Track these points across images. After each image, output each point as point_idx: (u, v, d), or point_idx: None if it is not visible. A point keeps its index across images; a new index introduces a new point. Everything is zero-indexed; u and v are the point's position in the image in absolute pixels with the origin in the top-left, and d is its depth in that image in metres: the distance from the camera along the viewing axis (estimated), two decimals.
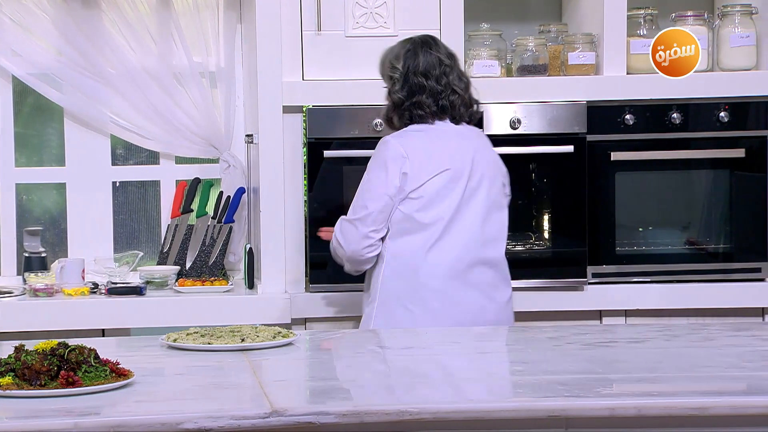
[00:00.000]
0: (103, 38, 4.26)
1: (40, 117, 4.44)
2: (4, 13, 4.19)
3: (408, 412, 2.26)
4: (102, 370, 2.43)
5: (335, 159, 4.08)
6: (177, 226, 4.43)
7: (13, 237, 4.36)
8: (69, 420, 2.19)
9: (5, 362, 2.41)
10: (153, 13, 4.32)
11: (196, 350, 2.83)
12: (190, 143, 4.42)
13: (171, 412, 2.27)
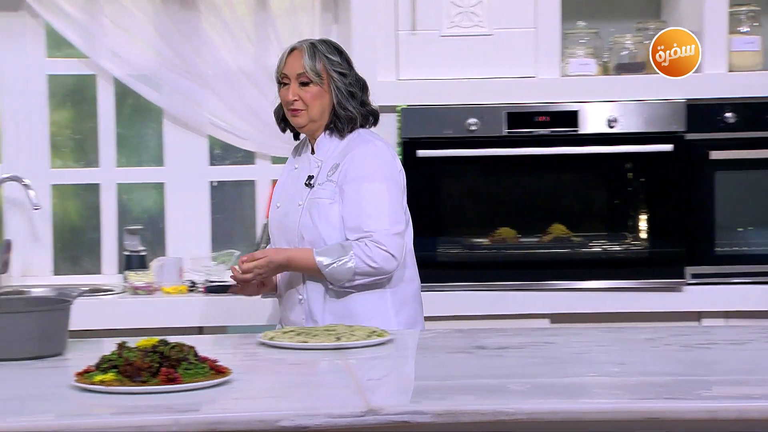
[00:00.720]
0: (200, 39, 4.32)
1: (139, 118, 4.52)
2: (106, 15, 4.28)
3: (503, 412, 2.25)
4: (201, 368, 2.46)
5: (428, 158, 4.09)
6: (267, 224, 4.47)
7: (114, 236, 4.45)
8: (169, 416, 2.22)
9: (108, 359, 2.45)
10: (250, 15, 4.37)
11: (292, 348, 2.85)
12: (285, 143, 4.44)
13: (268, 409, 2.29)
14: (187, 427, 2.21)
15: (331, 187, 3.30)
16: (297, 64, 3.30)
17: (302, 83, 3.30)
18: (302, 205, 3.32)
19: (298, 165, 3.42)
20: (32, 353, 2.70)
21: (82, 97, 4.46)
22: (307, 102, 3.30)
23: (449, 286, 4.11)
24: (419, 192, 4.11)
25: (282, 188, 3.45)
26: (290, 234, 3.33)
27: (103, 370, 2.43)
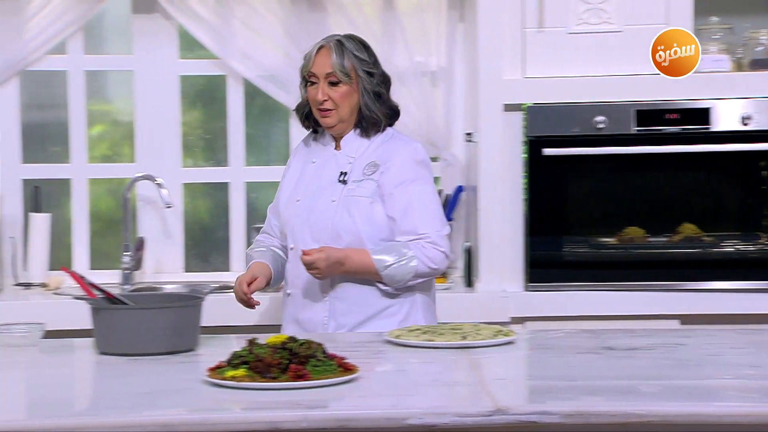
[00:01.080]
0: None
1: (267, 117, 4.58)
2: (236, 17, 4.35)
3: (635, 414, 2.22)
4: (329, 365, 2.48)
5: (555, 157, 4.05)
6: None
7: (242, 234, 4.52)
8: (299, 413, 2.24)
9: (239, 355, 2.49)
10: (377, 14, 4.39)
11: (418, 347, 2.85)
12: None
13: (396, 407, 2.30)
14: (316, 424, 2.24)
15: (371, 185, 3.26)
16: (325, 63, 3.25)
17: (331, 83, 3.25)
18: (336, 202, 3.26)
19: (316, 159, 3.35)
20: (166, 348, 2.76)
21: (212, 97, 4.55)
22: (336, 102, 3.26)
23: (575, 285, 4.07)
24: (545, 191, 4.08)
25: (299, 182, 3.36)
26: (320, 230, 3.26)
27: (234, 366, 2.47)
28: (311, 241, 3.26)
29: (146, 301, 2.91)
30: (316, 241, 3.25)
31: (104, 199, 4.55)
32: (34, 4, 4.26)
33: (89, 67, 4.44)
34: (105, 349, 2.79)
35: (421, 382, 2.56)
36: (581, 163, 4.10)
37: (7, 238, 4.29)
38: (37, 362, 2.77)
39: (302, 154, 3.41)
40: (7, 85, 4.34)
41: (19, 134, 4.39)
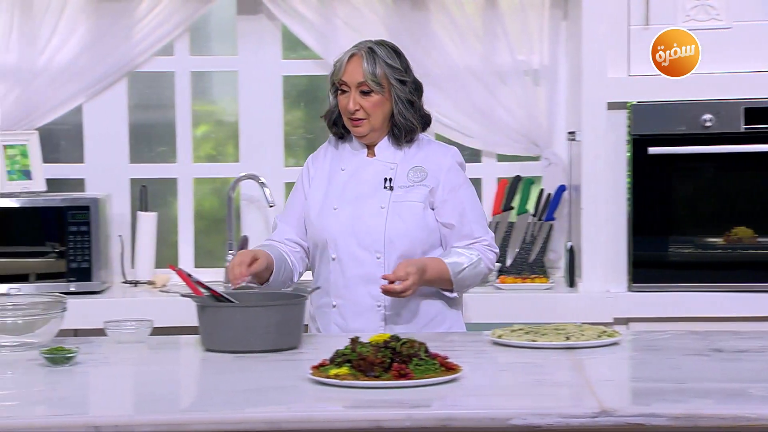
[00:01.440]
0: (429, 39, 4.36)
1: None
2: (339, 17, 4.37)
3: (745, 417, 2.17)
4: (431, 364, 2.48)
5: (660, 156, 3.99)
6: (498, 223, 4.47)
7: None
8: (402, 411, 2.25)
9: (342, 353, 2.50)
10: (479, 13, 4.38)
11: (521, 347, 2.84)
12: (512, 141, 4.44)
13: (499, 407, 2.29)
14: (419, 423, 2.24)
15: (422, 191, 3.20)
16: (357, 71, 3.17)
17: (363, 92, 3.17)
18: (385, 208, 3.18)
19: (346, 167, 3.25)
20: (270, 346, 2.79)
21: (314, 96, 4.58)
22: (368, 111, 3.17)
23: (681, 286, 4.01)
24: (650, 190, 4.02)
25: (330, 190, 3.23)
26: (368, 238, 3.16)
27: (338, 364, 2.48)
28: (358, 249, 3.16)
29: (251, 299, 2.94)
30: (364, 249, 3.16)
31: (209, 198, 4.62)
32: (143, 7, 4.35)
33: (195, 68, 4.51)
34: (210, 346, 2.82)
35: (524, 383, 2.54)
36: (688, 161, 4.03)
37: (115, 236, 4.38)
38: (144, 359, 2.82)
39: (325, 162, 3.30)
40: (116, 87, 4.43)
41: (127, 134, 4.48)
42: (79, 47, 4.31)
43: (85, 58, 4.32)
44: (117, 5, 4.32)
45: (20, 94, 4.29)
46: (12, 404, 2.43)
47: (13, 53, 4.29)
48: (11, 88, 4.29)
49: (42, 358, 2.68)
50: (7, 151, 4.21)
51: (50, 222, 4.11)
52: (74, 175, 4.45)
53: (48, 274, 4.10)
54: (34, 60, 4.29)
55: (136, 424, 2.22)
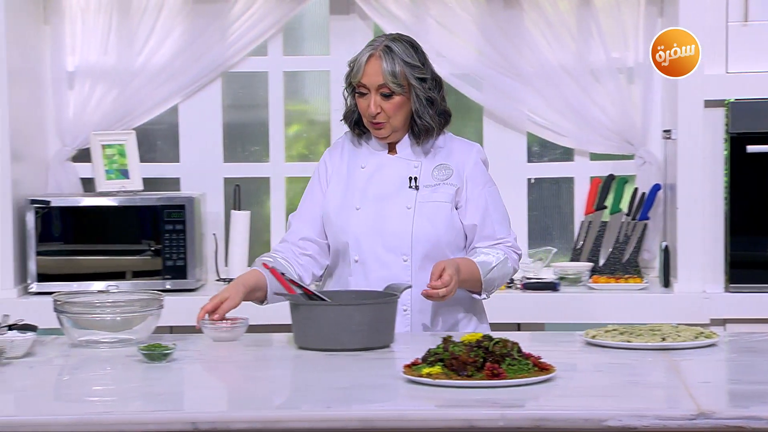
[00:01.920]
0: (522, 37, 4.34)
1: (459, 115, 4.56)
2: (431, 16, 4.37)
3: None
4: (525, 364, 2.47)
5: (759, 154, 3.92)
6: (590, 222, 4.43)
7: None
8: (495, 411, 2.24)
9: (434, 352, 2.50)
10: (573, 11, 4.35)
11: (615, 347, 2.80)
12: (605, 139, 4.40)
13: (593, 408, 2.26)
14: (513, 423, 2.22)
15: (449, 190, 3.11)
16: (376, 73, 3.04)
17: (383, 94, 3.06)
18: (412, 208, 3.10)
19: (366, 165, 3.14)
20: (362, 344, 2.80)
21: None
22: (389, 113, 3.06)
23: None
24: (748, 189, 3.96)
25: (350, 189, 3.13)
26: (394, 239, 3.08)
27: (430, 363, 2.48)
28: (383, 250, 3.07)
29: (343, 298, 2.95)
30: (390, 251, 3.07)
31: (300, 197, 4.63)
32: (237, 8, 4.39)
33: (288, 67, 4.54)
34: (303, 344, 2.84)
35: (619, 384, 2.51)
36: None
37: (210, 234, 4.44)
38: (238, 356, 2.85)
39: (343, 158, 3.19)
40: (211, 87, 4.49)
41: (222, 134, 4.53)
42: (175, 48, 4.38)
43: (181, 59, 4.38)
44: (212, 6, 4.38)
45: (118, 95, 4.37)
46: (110, 399, 2.48)
47: (112, 55, 4.37)
48: (110, 89, 4.37)
49: (139, 354, 2.73)
50: (106, 150, 4.29)
51: (146, 220, 4.18)
52: (170, 175, 4.52)
53: (144, 271, 4.17)
54: (131, 61, 4.37)
55: (232, 420, 2.25)
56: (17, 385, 2.55)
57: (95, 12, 4.34)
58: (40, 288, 4.08)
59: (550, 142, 4.49)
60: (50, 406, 2.42)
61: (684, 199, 4.03)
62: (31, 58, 4.27)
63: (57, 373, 2.73)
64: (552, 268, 4.32)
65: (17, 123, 4.07)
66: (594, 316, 3.94)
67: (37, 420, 2.26)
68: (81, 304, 2.93)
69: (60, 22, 4.35)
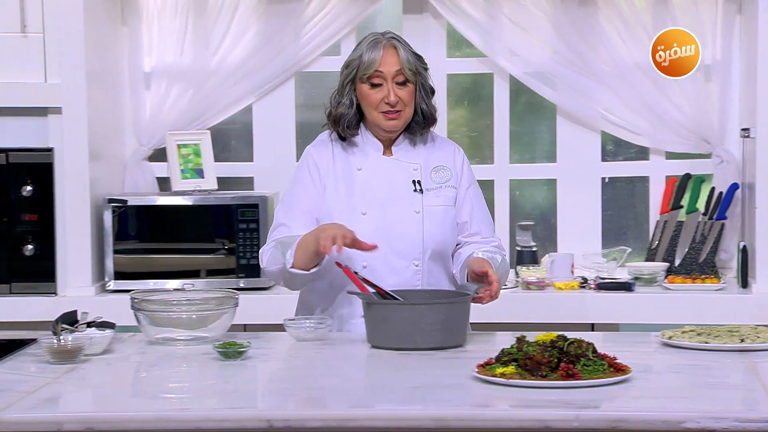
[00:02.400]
0: (596, 35, 4.30)
1: (533, 114, 4.57)
2: (505, 15, 4.35)
3: None
4: (600, 364, 2.45)
5: None
6: (666, 222, 4.38)
7: (506, 231, 4.52)
8: (570, 412, 2.22)
9: (508, 352, 2.49)
10: (649, 8, 4.29)
11: (692, 349, 2.77)
12: (681, 138, 4.34)
13: (671, 409, 2.24)
14: (588, 424, 2.21)
15: (451, 193, 3.11)
16: (394, 62, 3.03)
17: (398, 83, 3.04)
18: (420, 213, 3.08)
19: (361, 166, 3.10)
20: (435, 344, 2.79)
21: (477, 95, 4.57)
22: (405, 101, 3.04)
23: None
24: None
25: (350, 193, 3.07)
26: (405, 244, 3.05)
27: (504, 363, 2.47)
28: (394, 256, 3.04)
29: (416, 297, 2.94)
30: (401, 256, 3.05)
31: None
32: (311, 8, 4.41)
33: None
34: (376, 342, 2.84)
35: (696, 385, 2.48)
36: None
37: None
38: (312, 355, 2.86)
39: (333, 159, 3.11)
40: (284, 86, 4.51)
41: (295, 133, 4.56)
42: (249, 48, 4.41)
43: (255, 59, 4.41)
44: (287, 6, 4.40)
45: (194, 95, 4.41)
46: (186, 397, 2.50)
47: (188, 55, 4.41)
48: (186, 89, 4.42)
49: (215, 352, 2.75)
50: (181, 150, 4.34)
51: (221, 219, 4.22)
52: (244, 174, 4.55)
53: (218, 270, 4.20)
54: (207, 61, 4.41)
55: (306, 418, 2.26)
56: (95, 382, 2.59)
57: (172, 13, 4.39)
58: (117, 286, 4.14)
59: (624, 141, 4.44)
60: (127, 403, 2.45)
61: (763, 198, 3.96)
62: (109, 59, 4.33)
63: (134, 370, 2.76)
64: (626, 268, 4.27)
65: (95, 123, 4.13)
66: (670, 317, 3.90)
67: (115, 416, 2.29)
68: (158, 302, 2.96)
69: (137, 23, 4.41)
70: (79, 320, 2.94)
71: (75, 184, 4.06)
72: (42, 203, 4.08)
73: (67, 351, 2.71)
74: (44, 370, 2.65)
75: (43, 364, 2.72)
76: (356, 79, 3.08)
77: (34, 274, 4.08)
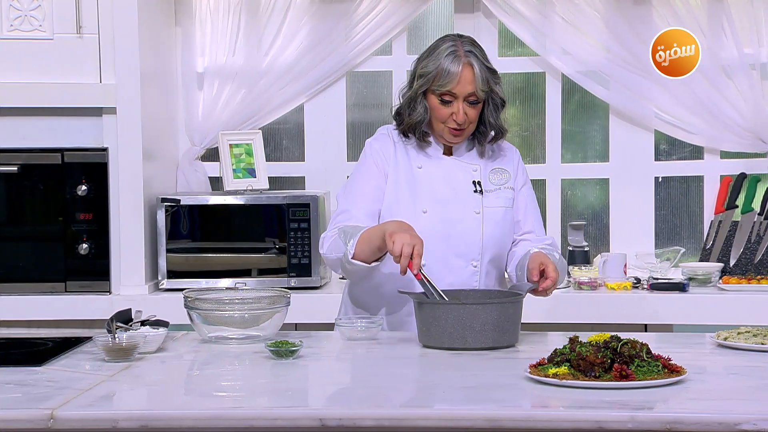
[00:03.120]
0: (650, 33, 4.26)
1: (585, 114, 4.54)
2: (557, 14, 4.33)
3: None
4: (654, 365, 2.43)
5: None
6: (720, 222, 4.33)
7: (557, 231, 4.49)
8: (625, 413, 2.20)
9: (560, 352, 2.48)
10: (704, 6, 4.25)
11: (748, 350, 2.74)
12: (737, 137, 4.30)
13: (726, 411, 2.22)
14: (643, 425, 2.19)
15: (509, 194, 3.13)
16: (470, 83, 3.01)
17: (470, 102, 3.03)
18: (480, 214, 3.08)
19: (422, 165, 3.10)
20: (488, 344, 2.79)
21: (529, 94, 4.55)
22: (472, 120, 3.05)
23: None
24: None
25: (412, 189, 3.07)
26: (465, 244, 3.06)
27: (557, 364, 2.46)
28: (452, 255, 3.05)
29: (468, 297, 2.94)
30: (459, 257, 3.06)
31: None
32: (363, 8, 4.42)
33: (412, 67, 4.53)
34: (428, 342, 2.84)
35: (752, 387, 2.45)
36: None
37: None
38: (363, 354, 2.86)
39: (396, 155, 3.12)
40: (336, 86, 4.52)
41: (346, 133, 4.56)
42: (301, 48, 4.43)
43: (307, 59, 4.42)
44: (338, 6, 4.41)
45: (245, 95, 4.44)
46: (239, 395, 2.52)
47: (240, 56, 4.43)
48: (238, 89, 4.44)
49: (267, 351, 2.76)
50: (233, 150, 4.36)
51: (272, 219, 4.23)
52: (295, 173, 4.57)
53: (269, 269, 4.22)
54: (258, 62, 4.43)
55: (359, 417, 2.26)
56: (150, 380, 2.61)
57: (224, 13, 4.42)
58: (170, 285, 4.17)
59: (678, 140, 4.41)
60: (181, 401, 2.47)
61: None
62: (162, 60, 4.36)
63: (187, 368, 2.78)
64: (680, 269, 4.24)
65: (149, 123, 4.17)
66: (724, 318, 3.86)
67: (169, 414, 2.31)
68: (210, 301, 2.98)
69: (190, 24, 4.44)
70: (133, 318, 2.96)
71: (129, 183, 4.09)
72: (97, 203, 4.12)
73: (121, 349, 2.74)
74: (99, 368, 2.68)
75: (99, 362, 2.74)
76: (429, 90, 3.07)
77: (88, 273, 4.12)
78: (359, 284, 3.16)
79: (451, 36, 3.12)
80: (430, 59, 3.08)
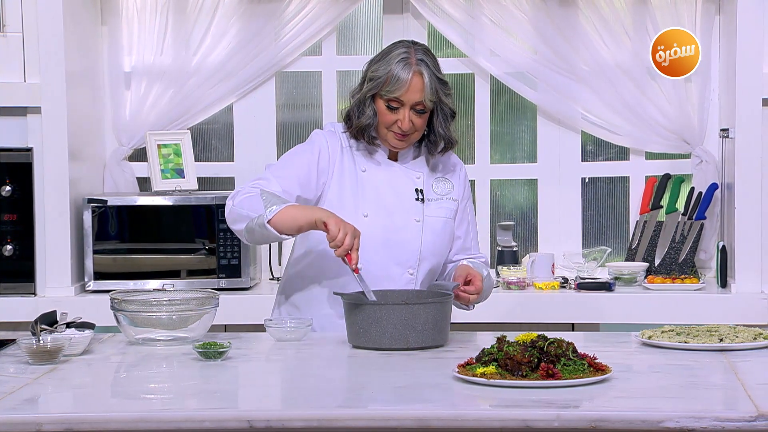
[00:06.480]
0: (577, 35, 4.31)
1: (513, 115, 4.57)
2: (485, 15, 4.36)
3: None
4: (580, 364, 2.45)
5: None
6: (646, 222, 4.39)
7: (486, 231, 4.52)
8: (551, 411, 2.22)
9: (488, 352, 2.49)
10: (629, 9, 4.31)
11: (672, 348, 2.78)
12: (661, 138, 4.36)
13: (651, 409, 2.25)
14: (569, 423, 2.21)
15: (451, 206, 3.11)
16: (418, 91, 2.97)
17: (417, 111, 2.99)
18: (420, 222, 3.06)
19: (366, 168, 3.07)
20: (428, 343, 2.79)
21: (458, 95, 4.57)
22: (417, 128, 3.01)
23: None
24: None
25: (356, 192, 3.04)
26: (404, 252, 3.04)
27: (485, 363, 2.47)
28: (391, 263, 3.03)
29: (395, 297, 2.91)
30: (398, 264, 3.03)
31: None
32: (292, 8, 4.41)
33: (341, 67, 4.55)
34: (364, 343, 2.82)
35: (675, 384, 2.48)
36: None
37: None
38: (293, 355, 2.85)
39: (342, 154, 3.07)
40: (265, 86, 4.51)
41: (276, 133, 4.55)
42: (230, 48, 4.40)
43: (235, 59, 4.40)
44: (267, 6, 4.40)
45: (174, 95, 4.40)
46: (167, 397, 2.50)
47: (168, 55, 4.40)
48: (166, 89, 4.40)
49: (195, 352, 2.75)
50: (161, 150, 4.33)
51: (201, 219, 4.21)
52: (225, 174, 4.54)
53: (198, 270, 4.19)
54: (187, 61, 4.40)
55: (287, 418, 2.26)
56: (75, 382, 2.58)
57: (151, 12, 4.38)
58: (96, 286, 4.12)
59: (604, 141, 4.46)
60: (108, 403, 2.44)
61: (742, 198, 3.98)
62: (88, 59, 4.31)
63: (114, 370, 2.76)
64: (606, 268, 4.29)
65: (75, 123, 4.12)
66: (649, 317, 3.91)
67: (95, 417, 2.28)
68: (138, 303, 2.95)
69: (117, 23, 4.39)
70: (58, 321, 2.92)
71: (54, 184, 4.04)
72: (21, 203, 4.06)
73: (46, 351, 2.70)
74: (24, 371, 2.64)
75: (23, 364, 2.70)
76: (377, 94, 3.02)
77: (13, 275, 4.06)
78: (293, 283, 3.14)
79: (405, 42, 3.08)
80: (381, 63, 3.03)
